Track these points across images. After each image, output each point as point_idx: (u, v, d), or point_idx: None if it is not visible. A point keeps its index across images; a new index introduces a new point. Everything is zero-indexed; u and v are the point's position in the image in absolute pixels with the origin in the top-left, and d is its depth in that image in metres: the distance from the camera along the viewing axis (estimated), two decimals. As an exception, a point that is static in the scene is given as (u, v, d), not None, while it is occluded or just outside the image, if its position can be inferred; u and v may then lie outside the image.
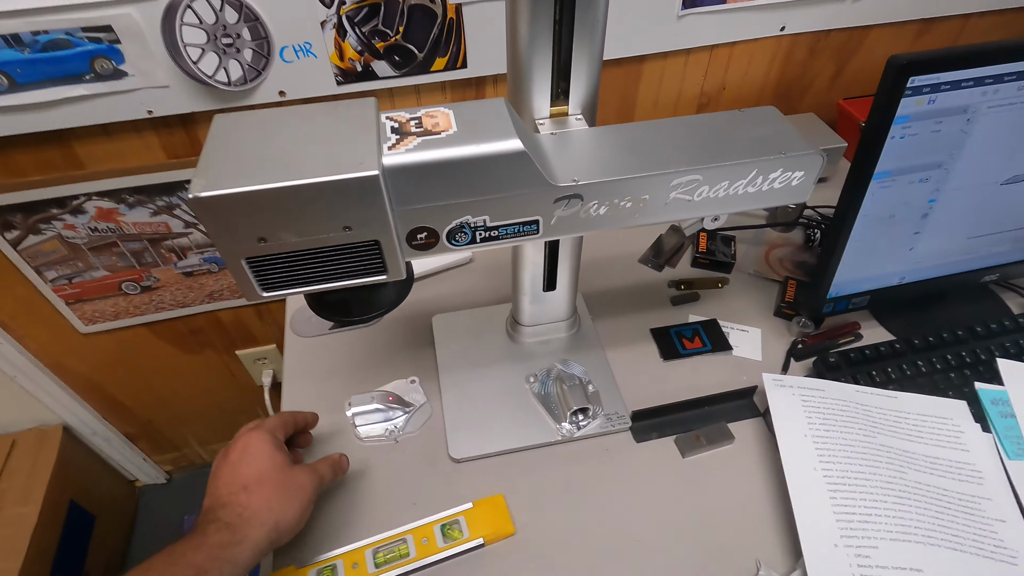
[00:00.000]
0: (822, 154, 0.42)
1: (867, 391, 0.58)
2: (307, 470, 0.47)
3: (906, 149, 0.50)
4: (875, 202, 0.53)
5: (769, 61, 0.88)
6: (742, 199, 0.43)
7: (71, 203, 0.77)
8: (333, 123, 0.37)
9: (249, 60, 0.68)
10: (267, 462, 0.44)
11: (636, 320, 0.70)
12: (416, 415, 0.60)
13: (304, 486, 0.45)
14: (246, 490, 0.42)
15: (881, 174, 0.51)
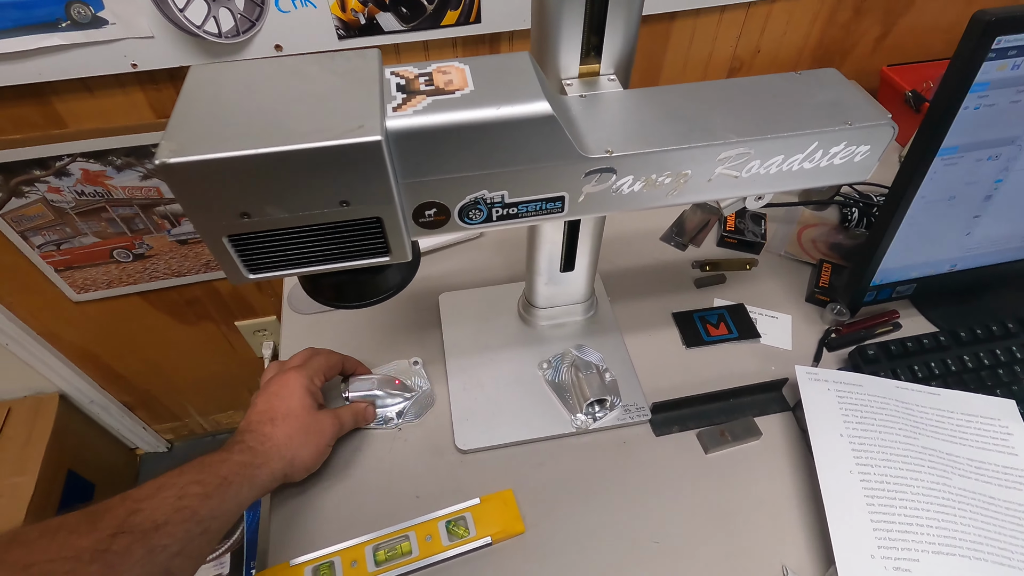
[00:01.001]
0: (894, 125, 0.36)
1: (908, 387, 0.53)
2: (330, 416, 0.50)
3: (980, 121, 0.44)
4: (936, 181, 0.47)
5: (810, 21, 0.81)
6: (796, 176, 0.37)
7: (54, 164, 0.72)
8: (329, 78, 0.31)
9: (241, 9, 0.62)
10: (297, 403, 0.48)
11: (657, 303, 0.65)
12: (418, 401, 0.56)
13: (324, 430, 0.49)
14: (272, 422, 0.46)
15: (948, 150, 0.45)
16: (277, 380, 0.49)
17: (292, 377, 0.49)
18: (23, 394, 1.05)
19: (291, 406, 0.47)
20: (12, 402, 1.05)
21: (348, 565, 0.46)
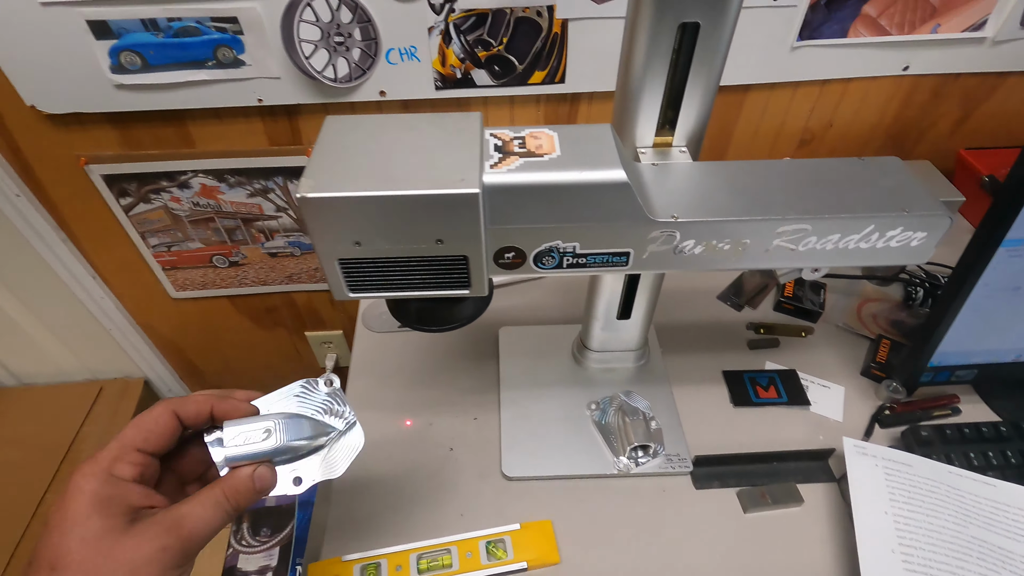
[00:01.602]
0: (951, 216, 0.38)
1: (962, 474, 0.53)
2: (155, 532, 0.29)
3: (1046, 217, 0.45)
4: (1000, 270, 0.48)
5: (886, 101, 0.83)
6: (852, 254, 0.40)
7: (179, 178, 0.83)
8: (439, 134, 0.37)
9: (356, 59, 0.70)
10: (79, 530, 0.28)
11: (708, 360, 0.67)
12: (341, 446, 0.38)
13: (138, 568, 0.28)
14: (52, 573, 0.27)
15: (1013, 241, 0.46)
16: (60, 496, 0.30)
17: (73, 482, 0.29)
18: (114, 376, 1.16)
19: (66, 545, 0.28)
20: (104, 382, 1.16)
21: (393, 568, 0.50)
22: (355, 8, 0.66)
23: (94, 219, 0.88)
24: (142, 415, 0.33)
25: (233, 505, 0.32)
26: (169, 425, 0.33)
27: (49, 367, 1.13)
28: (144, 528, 0.29)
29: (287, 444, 0.35)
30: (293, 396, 0.38)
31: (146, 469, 0.31)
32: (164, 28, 0.66)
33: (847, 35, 0.73)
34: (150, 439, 0.32)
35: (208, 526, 0.31)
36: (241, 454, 0.34)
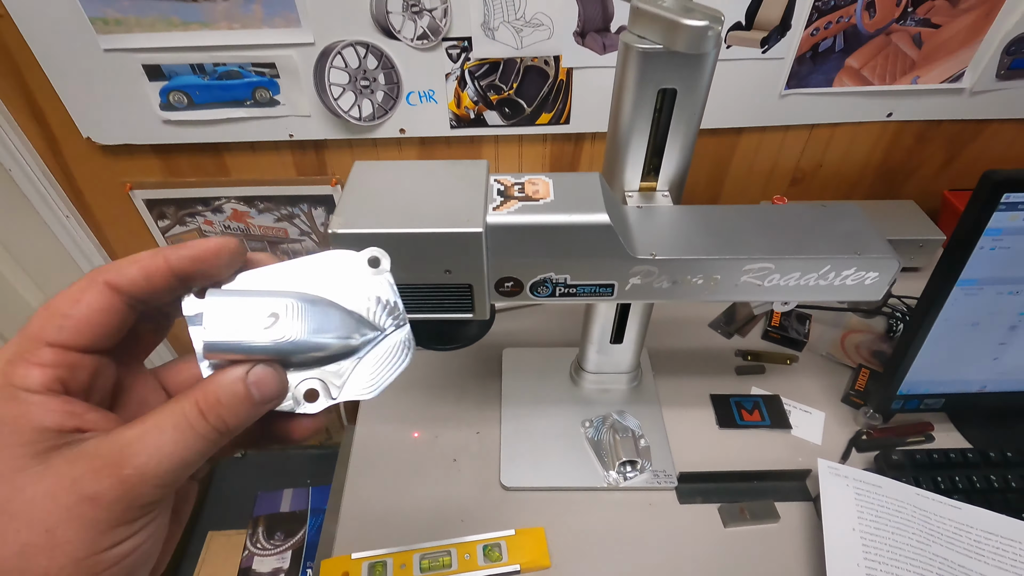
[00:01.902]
0: (899, 260, 0.43)
1: (929, 496, 0.56)
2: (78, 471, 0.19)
3: (996, 261, 0.50)
4: (958, 307, 0.52)
5: (873, 144, 0.88)
6: (812, 290, 0.45)
7: (214, 203, 0.90)
8: (451, 180, 0.43)
9: (380, 101, 0.77)
10: None
11: (697, 383, 0.71)
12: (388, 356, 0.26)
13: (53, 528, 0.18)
14: None
15: (967, 281, 0.51)
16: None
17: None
18: (141, 385, 1.23)
19: None
20: (131, 391, 1.22)
21: (398, 567, 0.54)
22: (380, 56, 0.74)
23: (133, 239, 0.95)
24: (58, 294, 0.21)
25: (214, 424, 0.20)
26: (98, 302, 0.21)
27: (81, 375, 1.20)
28: (62, 466, 0.18)
29: (301, 341, 0.23)
30: (318, 272, 0.25)
31: (70, 371, 0.20)
32: (210, 71, 0.74)
33: (832, 84, 0.79)
34: (68, 325, 0.20)
35: (169, 459, 0.19)
36: (230, 342, 0.21)
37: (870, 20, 0.73)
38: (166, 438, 0.20)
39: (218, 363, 0.22)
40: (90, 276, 0.22)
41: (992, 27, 0.74)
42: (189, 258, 0.22)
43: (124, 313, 0.22)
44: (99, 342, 0.21)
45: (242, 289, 0.24)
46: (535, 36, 0.72)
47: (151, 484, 0.19)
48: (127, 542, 0.19)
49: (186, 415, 0.20)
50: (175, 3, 0.68)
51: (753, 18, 0.72)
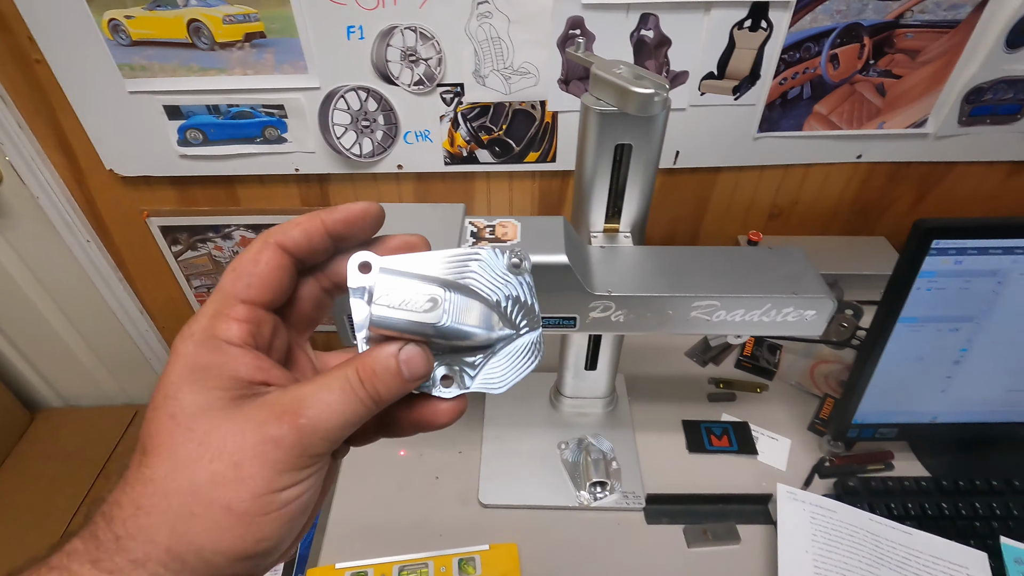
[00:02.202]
0: (833, 299, 0.47)
1: (881, 522, 0.59)
2: (263, 417, 0.21)
3: (934, 300, 0.54)
4: (902, 343, 0.56)
5: (845, 183, 0.93)
6: (756, 326, 0.49)
7: (224, 230, 0.96)
8: (431, 221, 0.48)
9: (379, 139, 0.84)
10: (170, 405, 0.21)
11: (671, 409, 0.75)
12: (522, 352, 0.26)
13: (241, 463, 0.20)
14: (143, 457, 0.21)
15: (908, 319, 0.55)
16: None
17: (173, 346, 0.23)
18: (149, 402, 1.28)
19: (156, 423, 0.21)
20: (140, 406, 1.28)
21: (378, 576, 0.58)
22: (380, 99, 0.80)
23: (148, 262, 1.01)
24: (238, 257, 0.24)
25: (369, 392, 0.22)
26: (273, 260, 0.23)
27: (93, 390, 1.25)
28: (251, 411, 0.21)
29: (454, 328, 0.24)
30: (461, 263, 0.25)
31: (256, 327, 0.23)
32: (224, 111, 0.81)
33: (803, 128, 0.84)
34: (253, 283, 0.23)
35: (335, 416, 0.22)
36: (392, 318, 0.23)
37: (834, 71, 0.78)
38: (334, 396, 0.22)
39: (372, 337, 0.24)
40: (263, 239, 0.24)
41: (950, 78, 0.79)
42: (341, 220, 0.24)
43: (292, 270, 0.24)
44: (277, 297, 0.24)
45: (405, 271, 0.24)
46: (522, 83, 0.78)
47: (319, 436, 0.22)
48: (295, 487, 0.21)
49: (349, 380, 0.22)
50: (195, 52, 0.75)
51: (725, 68, 0.77)
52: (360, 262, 0.24)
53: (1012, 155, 0.88)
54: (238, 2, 0.71)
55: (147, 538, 0.20)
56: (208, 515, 0.20)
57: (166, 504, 0.20)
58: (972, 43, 0.75)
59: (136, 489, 0.20)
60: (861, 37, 0.75)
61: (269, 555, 0.21)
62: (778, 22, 0.73)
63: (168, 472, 0.20)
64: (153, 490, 0.20)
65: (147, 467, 0.20)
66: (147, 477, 0.20)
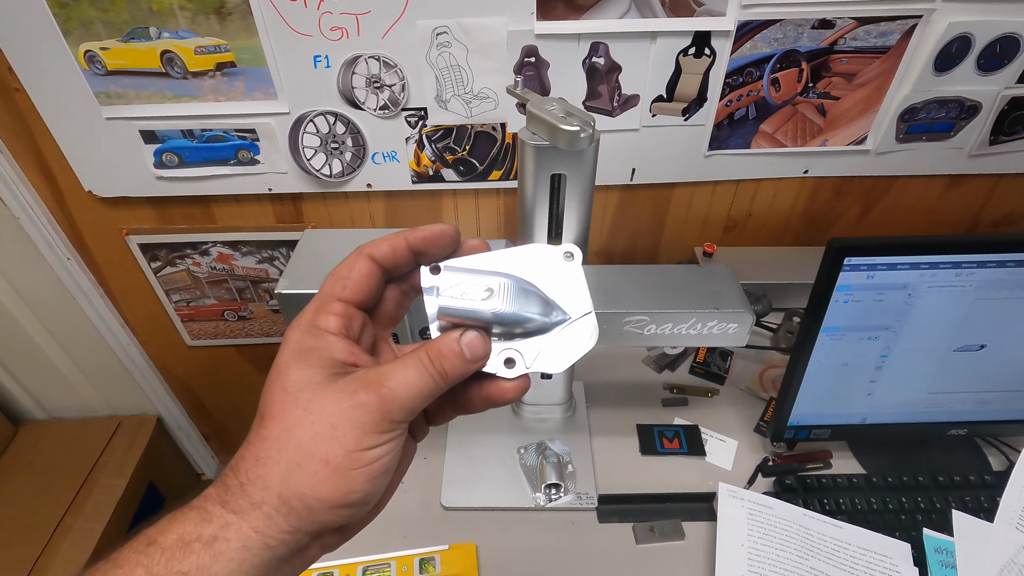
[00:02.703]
0: (752, 313, 0.52)
1: (814, 516, 0.64)
2: (353, 388, 0.26)
3: (852, 312, 0.58)
4: (827, 350, 0.61)
5: (795, 197, 0.98)
6: (684, 338, 0.54)
7: (201, 247, 1.00)
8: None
9: (348, 160, 0.88)
10: (282, 379, 0.27)
11: (626, 414, 0.79)
12: (572, 332, 0.30)
13: (338, 422, 0.25)
14: (262, 421, 0.27)
15: (830, 328, 0.59)
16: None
17: (284, 335, 0.29)
18: (132, 412, 1.31)
19: (271, 395, 0.27)
20: (123, 417, 1.30)
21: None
22: (348, 123, 0.84)
23: (128, 278, 1.04)
24: (338, 266, 0.30)
25: (438, 370, 0.27)
26: (365, 268, 0.29)
27: (76, 402, 1.28)
28: (344, 383, 0.26)
29: (509, 314, 0.28)
30: (519, 259, 0.30)
31: (349, 321, 0.29)
32: (198, 136, 0.84)
33: (751, 146, 0.89)
34: (348, 286, 0.29)
35: (411, 388, 0.26)
36: (455, 307, 0.28)
37: (776, 93, 0.83)
38: (409, 372, 0.27)
39: (444, 326, 0.28)
40: (357, 251, 0.30)
41: (885, 99, 0.84)
42: (422, 239, 0.29)
43: (380, 278, 0.30)
44: (367, 299, 0.30)
45: (466, 268, 0.29)
46: (483, 107, 0.83)
47: (399, 403, 0.26)
48: (379, 448, 0.26)
49: (421, 359, 0.27)
50: (169, 80, 0.79)
51: (673, 92, 0.82)
52: (431, 265, 0.29)
53: (948, 169, 0.93)
54: (208, 34, 0.75)
55: (263, 484, 0.25)
56: (310, 466, 0.25)
57: (279, 457, 0.25)
58: (903, 67, 0.80)
59: (256, 446, 0.26)
60: (799, 62, 0.80)
61: (358, 506, 0.26)
62: (720, 49, 0.78)
63: (280, 432, 0.25)
64: (269, 446, 0.25)
65: (264, 428, 0.26)
66: (264, 436, 0.26)
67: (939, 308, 0.58)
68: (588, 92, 0.82)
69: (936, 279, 0.56)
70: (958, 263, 0.55)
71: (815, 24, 0.76)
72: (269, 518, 0.25)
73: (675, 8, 0.74)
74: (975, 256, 0.55)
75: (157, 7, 0.72)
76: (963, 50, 0.79)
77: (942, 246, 0.55)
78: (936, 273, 0.56)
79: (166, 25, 0.74)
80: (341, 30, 0.75)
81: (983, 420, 0.67)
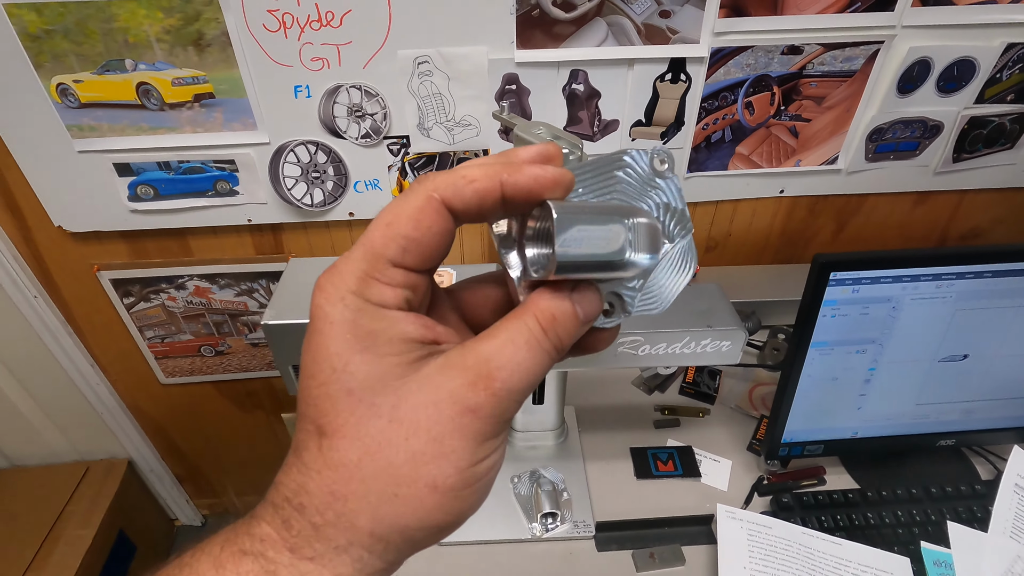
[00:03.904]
0: (745, 329, 0.52)
1: (813, 534, 0.63)
2: (455, 385, 0.19)
3: (839, 326, 0.59)
4: (816, 365, 0.61)
5: (772, 216, 1.00)
6: (679, 357, 0.53)
7: (177, 281, 0.97)
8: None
9: (330, 189, 0.87)
10: (342, 379, 0.19)
11: (619, 437, 0.78)
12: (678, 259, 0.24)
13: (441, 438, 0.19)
14: (323, 440, 0.19)
15: (819, 343, 0.60)
16: (307, 331, 0.21)
17: (317, 311, 0.20)
18: (101, 456, 1.25)
19: (330, 400, 0.19)
20: (91, 462, 1.24)
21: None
22: (329, 152, 0.83)
23: (99, 315, 1.01)
24: (392, 206, 0.20)
25: (552, 341, 0.20)
26: (436, 225, 0.20)
27: (41, 449, 1.21)
28: (438, 378, 0.19)
29: (647, 259, 0.21)
30: (606, 175, 0.23)
31: (411, 293, 0.20)
32: (175, 167, 0.83)
33: (728, 168, 0.91)
34: (411, 249, 0.20)
35: (527, 374, 0.20)
36: (581, 255, 0.20)
37: (751, 116, 0.85)
38: (522, 354, 0.19)
39: (531, 285, 0.21)
40: (426, 192, 0.20)
41: (854, 120, 0.87)
42: (525, 189, 0.20)
43: (453, 236, 0.21)
44: (434, 265, 0.21)
45: (575, 205, 0.21)
46: (465, 134, 0.83)
47: (514, 399, 0.20)
48: (491, 457, 0.20)
49: (532, 331, 0.20)
50: (145, 112, 0.77)
51: (651, 116, 0.84)
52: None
53: (916, 186, 0.97)
54: (187, 65, 0.74)
55: (348, 524, 0.19)
56: (412, 494, 0.19)
57: (365, 489, 0.19)
58: (869, 89, 0.84)
59: (325, 475, 0.19)
60: (771, 86, 0.83)
61: (466, 520, 0.21)
62: (695, 75, 0.80)
63: (361, 455, 0.19)
64: (348, 476, 0.19)
65: (334, 450, 0.19)
66: (336, 461, 0.19)
67: (922, 320, 0.59)
68: (569, 118, 0.83)
69: (918, 291, 0.57)
70: (938, 275, 0.57)
71: (784, 50, 0.79)
72: (359, 561, 0.19)
73: (651, 36, 0.76)
74: (954, 268, 0.56)
75: (134, 39, 0.71)
76: (923, 73, 0.82)
77: (923, 259, 0.56)
78: (918, 285, 0.57)
79: (143, 57, 0.73)
80: (322, 60, 0.75)
81: (970, 430, 0.68)
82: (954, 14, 0.77)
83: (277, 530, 0.19)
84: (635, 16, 0.75)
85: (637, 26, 0.75)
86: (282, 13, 0.71)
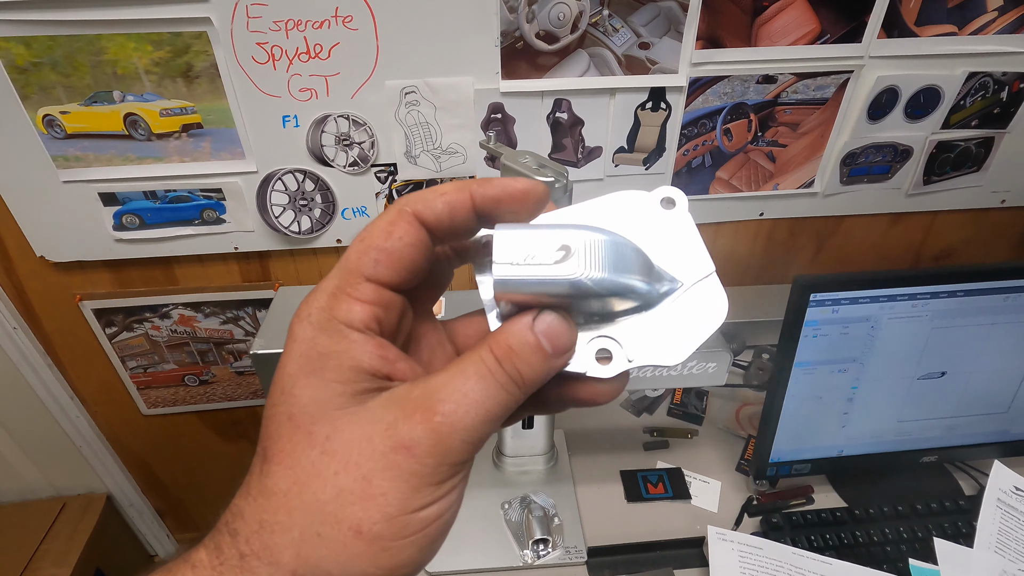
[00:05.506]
0: (730, 352, 0.53)
1: (803, 554, 0.64)
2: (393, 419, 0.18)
3: (821, 346, 0.60)
4: (801, 385, 0.63)
5: (753, 237, 1.02)
6: (666, 380, 0.54)
7: (161, 310, 0.96)
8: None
9: (317, 217, 0.87)
10: (288, 402, 0.19)
11: (609, 460, 0.78)
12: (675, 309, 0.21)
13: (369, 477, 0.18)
14: (264, 465, 0.19)
15: (802, 363, 0.61)
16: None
17: (291, 328, 0.20)
18: (78, 491, 1.21)
19: (275, 423, 0.19)
20: (68, 498, 1.20)
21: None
22: (317, 180, 0.84)
23: (80, 346, 0.99)
24: (368, 225, 0.20)
25: (509, 374, 0.19)
26: (410, 235, 0.20)
27: (16, 484, 1.18)
28: (378, 410, 0.18)
29: (597, 280, 0.19)
30: (600, 213, 0.22)
31: (382, 310, 0.20)
32: (161, 196, 0.83)
33: (709, 192, 0.93)
34: (383, 259, 0.19)
35: (474, 408, 0.18)
36: (519, 277, 0.19)
37: (729, 142, 0.88)
38: (470, 385, 0.18)
39: (508, 312, 0.20)
40: (398, 207, 0.20)
41: (828, 145, 0.90)
42: (493, 198, 0.20)
43: (428, 249, 0.20)
44: (409, 279, 0.20)
45: (531, 224, 0.20)
46: (452, 161, 0.84)
47: (459, 437, 0.18)
48: (434, 506, 0.18)
49: (485, 362, 0.18)
50: (132, 142, 0.77)
51: (634, 143, 0.86)
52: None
53: (890, 208, 1.00)
54: (175, 96, 0.75)
55: (272, 559, 0.17)
56: (335, 537, 0.17)
57: (290, 522, 0.18)
58: (840, 116, 0.87)
59: (259, 502, 0.18)
60: (748, 113, 0.86)
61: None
62: (675, 103, 0.83)
63: (291, 485, 0.18)
64: (276, 505, 0.18)
65: (268, 476, 0.18)
66: (269, 489, 0.18)
67: (901, 338, 0.61)
68: (553, 145, 0.85)
69: (895, 311, 0.59)
70: (913, 295, 0.58)
71: (759, 79, 0.82)
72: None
73: (631, 67, 0.79)
74: (927, 287, 0.58)
75: (122, 71, 0.72)
76: (891, 101, 0.86)
77: (897, 279, 0.58)
78: (895, 305, 0.59)
79: (131, 89, 0.74)
80: (310, 91, 0.76)
81: (951, 445, 0.70)
82: (917, 45, 0.81)
83: (209, 555, 0.19)
84: (616, 48, 0.77)
85: (618, 57, 0.78)
86: (271, 46, 0.72)
